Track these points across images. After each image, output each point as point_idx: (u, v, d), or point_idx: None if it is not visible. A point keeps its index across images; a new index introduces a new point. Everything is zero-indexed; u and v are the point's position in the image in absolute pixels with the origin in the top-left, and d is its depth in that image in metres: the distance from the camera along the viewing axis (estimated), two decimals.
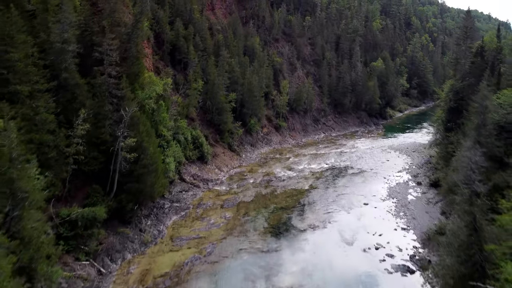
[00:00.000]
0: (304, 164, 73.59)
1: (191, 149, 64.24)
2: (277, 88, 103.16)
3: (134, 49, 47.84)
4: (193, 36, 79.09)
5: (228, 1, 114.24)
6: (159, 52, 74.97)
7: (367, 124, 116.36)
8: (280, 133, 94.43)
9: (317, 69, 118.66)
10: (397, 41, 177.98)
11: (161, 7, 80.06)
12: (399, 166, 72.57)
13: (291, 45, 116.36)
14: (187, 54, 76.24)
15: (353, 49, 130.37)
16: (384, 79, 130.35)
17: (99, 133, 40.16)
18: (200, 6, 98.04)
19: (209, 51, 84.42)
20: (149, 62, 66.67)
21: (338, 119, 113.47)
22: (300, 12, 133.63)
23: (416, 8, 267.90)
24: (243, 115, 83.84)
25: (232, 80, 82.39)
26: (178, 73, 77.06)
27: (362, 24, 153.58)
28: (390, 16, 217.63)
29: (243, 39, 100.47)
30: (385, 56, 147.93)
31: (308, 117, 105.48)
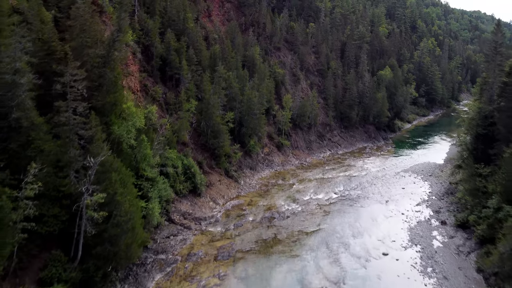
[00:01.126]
0: (310, 193, 65.62)
1: (182, 181, 56.30)
2: (279, 102, 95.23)
3: (110, 74, 39.83)
4: (186, 49, 71.07)
5: (226, 6, 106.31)
6: (147, 67, 66.99)
7: (375, 139, 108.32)
8: (282, 152, 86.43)
9: (321, 79, 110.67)
10: (404, 47, 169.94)
11: (150, 17, 72.09)
12: (417, 196, 64.59)
13: (294, 54, 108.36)
14: (179, 69, 68.25)
15: (360, 57, 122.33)
16: (393, 89, 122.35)
17: (60, 184, 32.24)
18: (196, 13, 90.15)
19: (204, 65, 76.45)
20: (134, 81, 58.75)
21: (345, 134, 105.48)
22: (303, 17, 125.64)
23: (421, 11, 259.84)
24: (242, 136, 75.92)
25: (229, 97, 74.47)
26: (169, 90, 69.06)
27: (368, 29, 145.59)
28: (395, 19, 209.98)
29: (242, 49, 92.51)
30: (392, 63, 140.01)
31: (312, 133, 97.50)
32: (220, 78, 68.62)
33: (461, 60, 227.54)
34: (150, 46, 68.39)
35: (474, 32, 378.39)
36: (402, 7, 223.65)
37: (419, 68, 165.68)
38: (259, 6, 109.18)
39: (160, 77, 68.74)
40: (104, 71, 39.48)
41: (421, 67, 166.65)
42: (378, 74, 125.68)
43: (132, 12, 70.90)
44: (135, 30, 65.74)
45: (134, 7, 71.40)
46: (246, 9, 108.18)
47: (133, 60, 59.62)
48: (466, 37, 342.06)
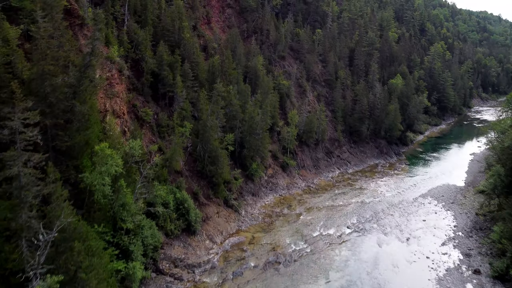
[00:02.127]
0: (320, 227, 58.17)
1: (174, 219, 49.05)
2: (284, 117, 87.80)
3: (81, 107, 32.52)
4: (181, 64, 63.70)
5: (227, 12, 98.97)
6: (137, 84, 59.73)
7: (387, 155, 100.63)
8: (287, 173, 78.97)
9: (329, 90, 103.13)
10: (414, 52, 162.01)
11: (142, 27, 64.81)
12: (441, 232, 57.00)
13: (300, 63, 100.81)
14: (173, 86, 60.92)
15: (370, 65, 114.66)
16: (405, 100, 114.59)
17: (8, 258, 25.01)
18: (193, 21, 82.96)
19: (202, 79, 69.15)
20: (120, 103, 51.44)
21: (354, 149, 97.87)
22: (309, 23, 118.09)
23: (430, 13, 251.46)
24: (243, 158, 68.59)
25: (229, 115, 67.12)
26: (162, 110, 61.78)
27: (377, 34, 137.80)
28: (403, 22, 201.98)
29: (243, 59, 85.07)
30: (403, 70, 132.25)
31: (319, 150, 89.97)
32: (219, 96, 61.18)
33: (471, 64, 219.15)
34: (140, 61, 61.16)
35: (483, 34, 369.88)
36: (411, 9, 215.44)
37: (430, 75, 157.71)
38: (263, 12, 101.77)
39: (152, 95, 61.48)
40: (73, 104, 32.16)
41: (432, 73, 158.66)
42: (389, 83, 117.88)
43: (121, 21, 63.90)
44: (123, 43, 58.51)
45: (124, 16, 64.29)
46: (248, 15, 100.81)
47: (119, 79, 52.32)
48: (474, 39, 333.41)
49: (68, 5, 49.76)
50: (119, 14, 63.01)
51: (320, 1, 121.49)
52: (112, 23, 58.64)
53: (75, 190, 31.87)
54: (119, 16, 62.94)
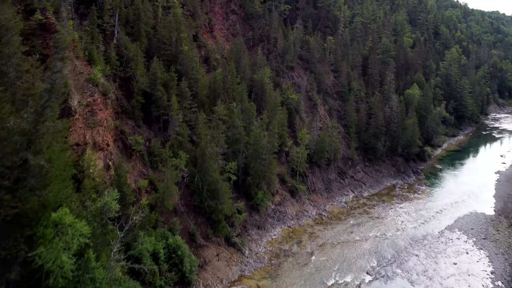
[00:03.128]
0: (335, 272, 50.55)
1: (166, 271, 41.66)
2: (293, 134, 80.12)
3: (37, 160, 25.18)
4: (177, 82, 56.31)
5: (231, 19, 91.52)
6: (127, 106, 52.48)
7: (404, 174, 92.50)
8: (297, 199, 71.30)
9: (342, 103, 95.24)
10: (430, 57, 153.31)
11: (134, 39, 57.56)
12: (477, 282, 49.13)
13: (310, 73, 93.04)
14: (168, 108, 53.52)
15: (385, 75, 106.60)
16: (423, 112, 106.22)
17: None
18: (194, 30, 75.63)
19: (202, 97, 61.80)
20: (103, 132, 44.11)
21: (369, 168, 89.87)
22: (319, 29, 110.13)
23: (443, 15, 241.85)
24: (248, 187, 61.13)
25: (232, 138, 59.65)
26: (156, 135, 54.44)
27: (392, 40, 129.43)
28: (416, 25, 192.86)
29: (248, 71, 77.59)
30: (420, 79, 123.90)
31: (332, 170, 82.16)
32: (219, 120, 53.70)
33: (487, 68, 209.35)
34: (131, 79, 53.87)
35: (496, 35, 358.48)
36: (424, 11, 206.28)
37: (447, 82, 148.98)
38: (270, 18, 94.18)
39: (144, 119, 54.16)
40: (25, 157, 24.84)
41: (448, 80, 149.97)
42: (405, 94, 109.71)
43: (111, 34, 56.68)
44: (111, 60, 51.25)
45: (113, 27, 57.07)
46: (254, 21, 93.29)
47: (103, 104, 45.02)
48: (488, 41, 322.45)
49: (43, 19, 42.76)
50: (108, 26, 55.84)
51: (331, 6, 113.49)
52: (98, 37, 51.39)
53: (27, 270, 24.57)
54: (108, 28, 55.77)
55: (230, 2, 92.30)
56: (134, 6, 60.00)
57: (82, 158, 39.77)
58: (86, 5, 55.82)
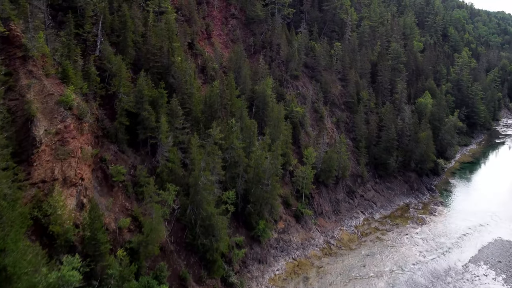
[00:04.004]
0: None
1: None
2: (297, 150, 73.35)
3: None
4: (167, 99, 49.55)
5: (231, 24, 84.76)
6: (110, 128, 45.78)
7: (418, 191, 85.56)
8: (302, 224, 64.52)
9: (350, 115, 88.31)
10: (440, 62, 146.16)
11: (120, 51, 50.98)
12: None
13: (316, 83, 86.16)
14: (156, 130, 46.79)
15: (395, 83, 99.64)
16: (437, 123, 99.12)
17: None
18: (190, 37, 68.99)
19: (197, 112, 55.09)
20: (76, 164, 37.43)
21: (380, 185, 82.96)
22: (325, 34, 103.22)
23: (452, 16, 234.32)
24: (248, 216, 54.38)
25: (230, 162, 52.91)
26: (142, 160, 47.75)
27: (401, 44, 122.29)
28: (424, 27, 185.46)
29: (249, 82, 70.87)
30: (431, 86, 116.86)
31: (340, 189, 75.31)
32: (215, 145, 46.92)
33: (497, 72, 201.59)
34: (114, 96, 47.21)
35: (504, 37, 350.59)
36: (432, 13, 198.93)
37: (458, 88, 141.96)
38: (272, 23, 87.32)
39: (129, 142, 47.48)
40: None
41: (460, 86, 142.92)
42: (417, 103, 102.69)
43: (93, 45, 50.02)
44: (90, 76, 44.57)
45: (96, 37, 50.37)
46: (255, 26, 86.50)
47: (77, 130, 38.35)
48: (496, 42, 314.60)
49: (5, 31, 36.25)
50: (90, 36, 49.16)
51: (337, 9, 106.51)
52: (75, 49, 44.70)
53: None
54: (89, 38, 49.10)
55: (230, 5, 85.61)
56: (120, 13, 53.32)
57: (48, 198, 33.20)
58: (65, 11, 49.28)
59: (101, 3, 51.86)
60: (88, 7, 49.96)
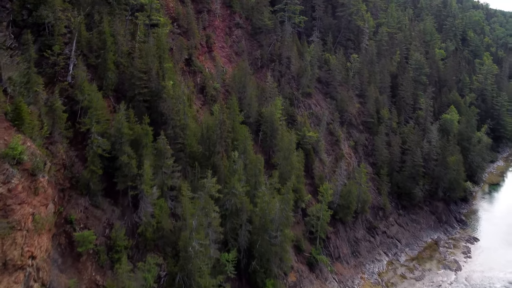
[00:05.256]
0: None
1: None
2: (310, 181, 63.91)
3: None
4: (152, 137, 40.24)
5: (235, 34, 75.38)
6: (81, 176, 36.63)
7: (447, 224, 75.53)
8: (317, 273, 54.92)
9: (369, 136, 78.46)
10: (463, 70, 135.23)
11: (98, 75, 41.95)
12: None
13: (331, 100, 76.45)
14: (139, 178, 37.52)
15: (418, 97, 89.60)
16: (465, 143, 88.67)
17: None
18: (187, 52, 59.86)
19: (191, 148, 45.82)
20: (25, 239, 28.28)
21: (404, 218, 73.03)
22: (339, 42, 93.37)
23: (470, 19, 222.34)
24: (252, 274, 44.91)
25: (231, 210, 43.52)
26: (122, 215, 38.58)
27: (422, 52, 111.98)
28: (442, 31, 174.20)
29: (255, 104, 61.52)
30: (456, 99, 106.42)
31: (359, 226, 65.62)
32: (211, 200, 37.48)
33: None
34: (86, 137, 38.05)
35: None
36: (450, 15, 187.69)
37: (482, 98, 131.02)
38: (282, 33, 77.79)
39: (106, 191, 38.27)
40: None
41: (484, 96, 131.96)
42: (442, 119, 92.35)
43: (63, 69, 41.02)
44: (55, 113, 35.49)
45: (69, 60, 41.36)
46: (263, 37, 77.00)
47: (27, 192, 29.25)
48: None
49: None
50: (60, 59, 40.08)
51: (352, 15, 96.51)
52: (37, 80, 35.67)
53: None
54: (59, 61, 40.02)
55: (234, 14, 76.23)
56: (99, 28, 44.22)
57: None
58: (31, 28, 40.36)
59: (76, 18, 42.79)
60: (59, 24, 40.97)
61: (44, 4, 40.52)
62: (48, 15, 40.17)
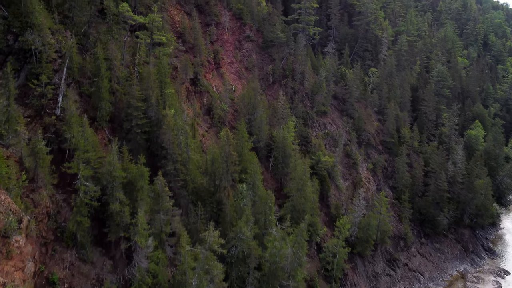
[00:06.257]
0: None
1: None
2: (325, 210, 58.92)
3: None
4: (148, 180, 35.72)
5: (246, 48, 70.80)
6: (65, 226, 32.40)
7: (474, 254, 69.63)
8: None
9: (388, 157, 72.98)
10: (486, 78, 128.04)
11: (89, 108, 37.77)
12: None
13: (348, 118, 71.14)
14: (132, 228, 33.06)
15: (441, 112, 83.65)
16: (493, 163, 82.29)
17: None
18: (193, 70, 55.49)
19: (194, 185, 41.29)
20: None
21: (427, 247, 67.41)
22: (356, 53, 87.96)
23: (492, 21, 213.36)
24: None
25: (237, 256, 38.83)
26: (114, 268, 34.18)
27: (444, 62, 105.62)
28: (462, 35, 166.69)
29: (266, 126, 56.76)
30: (481, 112, 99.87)
31: (378, 258, 60.33)
32: (214, 257, 32.78)
33: None
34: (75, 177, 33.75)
35: None
36: (471, 19, 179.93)
37: (507, 108, 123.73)
38: (295, 45, 72.80)
39: (96, 241, 33.94)
40: None
41: (509, 106, 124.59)
42: (467, 136, 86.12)
43: (52, 100, 36.94)
44: (38, 155, 31.27)
45: (58, 90, 37.23)
46: (275, 50, 72.14)
47: (1, 252, 25.08)
48: None
49: None
50: (49, 89, 35.93)
51: (370, 24, 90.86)
52: (17, 119, 31.52)
53: None
54: (47, 92, 35.88)
55: (245, 26, 71.57)
56: (94, 51, 39.99)
57: None
58: (17, 55, 36.51)
59: (68, 41, 38.64)
60: (48, 49, 36.84)
61: (31, 28, 36.45)
62: (35, 40, 36.00)
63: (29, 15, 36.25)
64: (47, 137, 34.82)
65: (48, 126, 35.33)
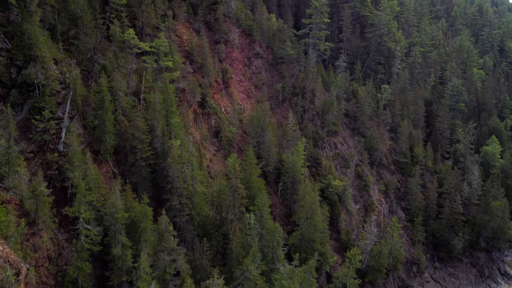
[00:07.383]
0: None
1: None
2: (336, 236, 57.30)
3: None
4: (152, 218, 34.66)
5: (255, 65, 69.54)
6: (68, 268, 31.52)
7: (490, 279, 67.28)
8: None
9: (401, 177, 70.92)
10: (503, 88, 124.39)
11: (90, 141, 36.89)
12: None
13: (360, 137, 69.34)
14: (134, 272, 32.03)
15: (455, 127, 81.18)
16: (510, 182, 79.47)
17: None
18: (201, 92, 54.40)
19: (200, 219, 40.16)
20: None
21: (441, 272, 65.26)
22: (369, 67, 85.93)
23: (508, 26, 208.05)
24: None
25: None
26: None
27: (460, 75, 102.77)
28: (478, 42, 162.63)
29: (275, 149, 55.38)
30: (497, 126, 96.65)
31: (390, 286, 58.34)
32: None
33: None
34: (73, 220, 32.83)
35: None
36: (487, 24, 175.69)
37: None
38: (305, 62, 71.25)
39: (99, 282, 33.00)
40: None
41: None
42: (482, 152, 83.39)
43: (55, 135, 36.22)
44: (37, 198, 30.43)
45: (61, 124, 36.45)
46: (285, 67, 70.70)
47: None
48: None
49: None
50: (52, 124, 35.13)
51: (383, 36, 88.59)
52: (16, 160, 30.69)
53: None
54: (50, 127, 35.11)
55: (254, 43, 70.28)
56: (98, 81, 39.09)
57: None
58: (21, 88, 35.78)
59: (72, 72, 37.80)
60: (51, 82, 36.03)
61: (34, 60, 35.70)
62: (38, 74, 35.20)
63: (33, 47, 35.45)
64: (50, 174, 34.13)
65: (50, 163, 34.54)
